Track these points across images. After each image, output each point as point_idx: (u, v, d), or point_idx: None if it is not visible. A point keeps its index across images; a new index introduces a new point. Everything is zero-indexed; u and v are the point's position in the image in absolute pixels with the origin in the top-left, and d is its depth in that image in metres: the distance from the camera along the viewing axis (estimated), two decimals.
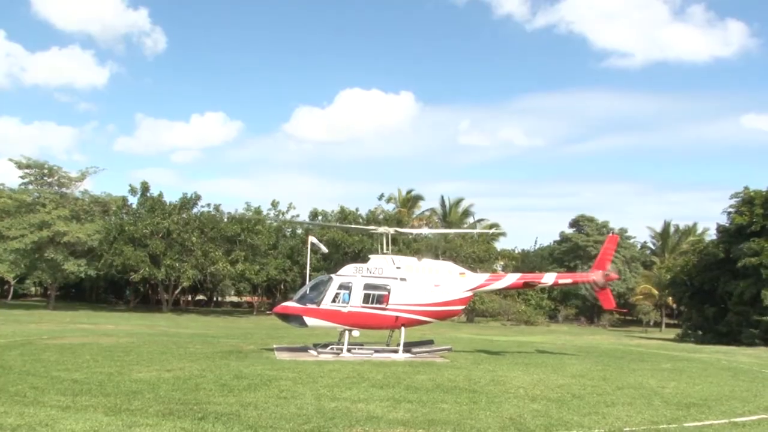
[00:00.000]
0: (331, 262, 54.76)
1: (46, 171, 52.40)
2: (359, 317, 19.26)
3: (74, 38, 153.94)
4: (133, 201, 53.65)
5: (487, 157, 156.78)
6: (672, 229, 79.73)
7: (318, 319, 19.30)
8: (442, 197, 78.23)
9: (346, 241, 53.87)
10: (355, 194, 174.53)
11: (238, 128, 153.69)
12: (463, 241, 62.89)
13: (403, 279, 19.69)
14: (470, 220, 77.62)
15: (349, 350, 19.40)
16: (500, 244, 76.16)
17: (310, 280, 48.90)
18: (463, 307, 21.27)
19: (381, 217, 58.01)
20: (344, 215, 58.05)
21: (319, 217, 59.89)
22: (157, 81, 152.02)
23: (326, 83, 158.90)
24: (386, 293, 19.32)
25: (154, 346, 20.15)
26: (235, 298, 75.18)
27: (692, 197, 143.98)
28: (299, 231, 58.60)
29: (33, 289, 71.61)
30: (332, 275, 20.28)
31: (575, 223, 77.37)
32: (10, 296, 64.72)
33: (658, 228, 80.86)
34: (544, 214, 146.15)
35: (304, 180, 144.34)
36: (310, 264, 49.60)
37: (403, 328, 19.75)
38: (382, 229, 21.42)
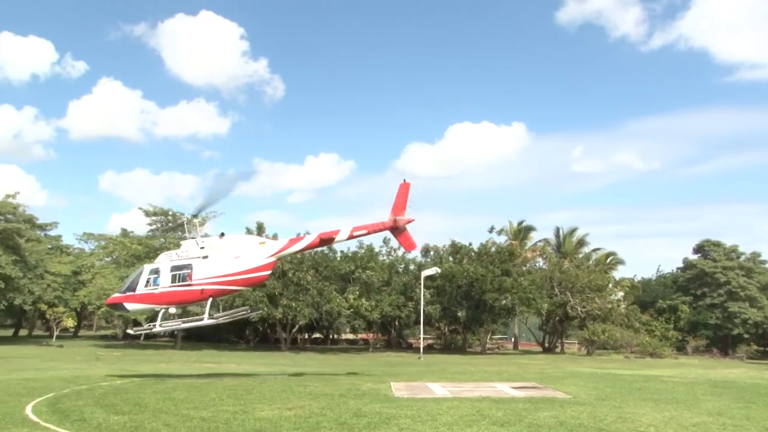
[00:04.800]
0: (444, 296, 54.46)
1: (170, 217, 55.67)
2: (169, 296, 21.78)
3: (201, 91, 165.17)
4: None
5: (602, 183, 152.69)
6: None
7: (136, 304, 22.16)
8: (557, 228, 76.49)
9: (459, 272, 53.41)
10: (467, 228, 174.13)
11: (351, 168, 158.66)
12: (579, 271, 60.83)
13: (205, 257, 21.85)
14: (585, 249, 75.19)
15: (160, 325, 22.47)
16: (619, 273, 73.18)
17: (424, 315, 48.67)
18: (268, 272, 22.66)
19: (493, 249, 57.18)
20: (456, 249, 57.70)
21: (431, 252, 59.72)
22: (276, 127, 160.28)
23: (436, 119, 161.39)
24: (190, 271, 21.69)
25: (275, 384, 20.55)
26: (350, 336, 75.95)
27: None
28: (411, 267, 58.67)
29: None
30: (145, 264, 23.57)
31: (700, 249, 72.94)
32: (141, 337, 68.53)
33: None
34: (666, 240, 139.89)
35: (415, 216, 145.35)
36: (424, 299, 49.70)
37: (210, 299, 21.93)
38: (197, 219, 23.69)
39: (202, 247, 22.13)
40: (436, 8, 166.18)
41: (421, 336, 51.87)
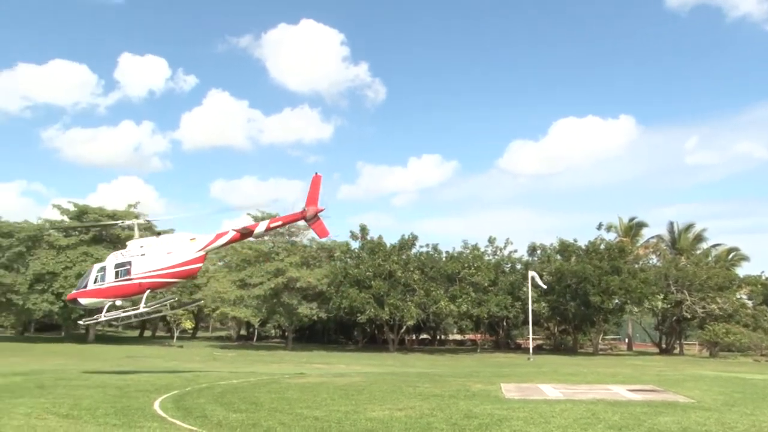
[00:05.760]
0: (553, 294, 53.18)
1: None
2: (113, 290, 24.34)
3: (304, 98, 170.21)
4: (356, 245, 56.41)
5: (719, 175, 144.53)
6: None
7: (88, 298, 24.68)
8: (671, 223, 72.94)
9: (568, 270, 52.13)
10: (574, 225, 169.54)
11: (454, 168, 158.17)
12: (696, 268, 57.72)
13: (143, 254, 24.32)
14: (703, 245, 71.25)
15: (104, 316, 24.84)
16: (743, 270, 68.65)
17: (532, 315, 47.75)
18: (199, 265, 25.03)
19: (602, 247, 55.34)
20: (564, 247, 56.28)
21: (538, 251, 58.52)
22: (378, 130, 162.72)
23: (539, 115, 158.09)
24: (129, 267, 24.16)
25: (385, 385, 20.67)
26: (458, 336, 75.57)
27: None
28: (518, 266, 57.72)
29: (273, 331, 77.90)
30: (95, 264, 26.13)
31: None
32: (254, 338, 71.11)
33: None
34: None
35: (519, 214, 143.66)
36: (532, 298, 48.71)
37: (147, 291, 24.27)
38: (128, 222, 26.05)
39: (141, 246, 24.82)
40: (537, 2, 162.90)
41: (530, 336, 50.84)
